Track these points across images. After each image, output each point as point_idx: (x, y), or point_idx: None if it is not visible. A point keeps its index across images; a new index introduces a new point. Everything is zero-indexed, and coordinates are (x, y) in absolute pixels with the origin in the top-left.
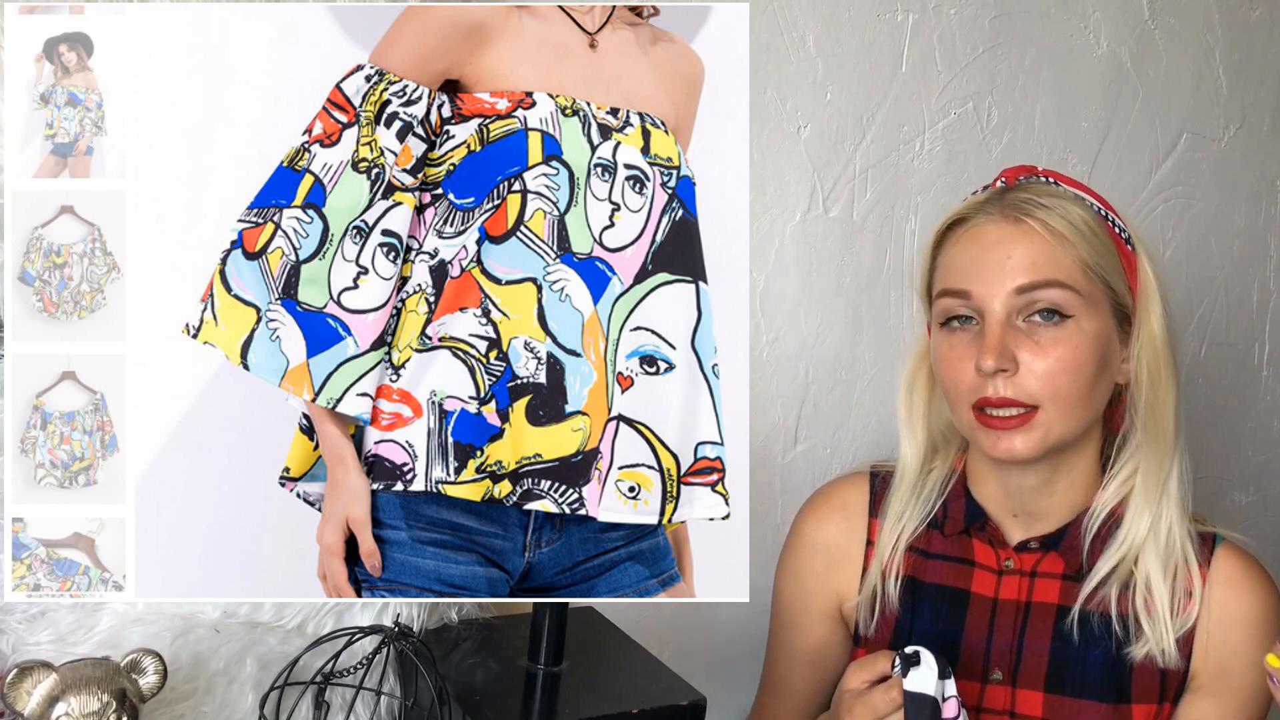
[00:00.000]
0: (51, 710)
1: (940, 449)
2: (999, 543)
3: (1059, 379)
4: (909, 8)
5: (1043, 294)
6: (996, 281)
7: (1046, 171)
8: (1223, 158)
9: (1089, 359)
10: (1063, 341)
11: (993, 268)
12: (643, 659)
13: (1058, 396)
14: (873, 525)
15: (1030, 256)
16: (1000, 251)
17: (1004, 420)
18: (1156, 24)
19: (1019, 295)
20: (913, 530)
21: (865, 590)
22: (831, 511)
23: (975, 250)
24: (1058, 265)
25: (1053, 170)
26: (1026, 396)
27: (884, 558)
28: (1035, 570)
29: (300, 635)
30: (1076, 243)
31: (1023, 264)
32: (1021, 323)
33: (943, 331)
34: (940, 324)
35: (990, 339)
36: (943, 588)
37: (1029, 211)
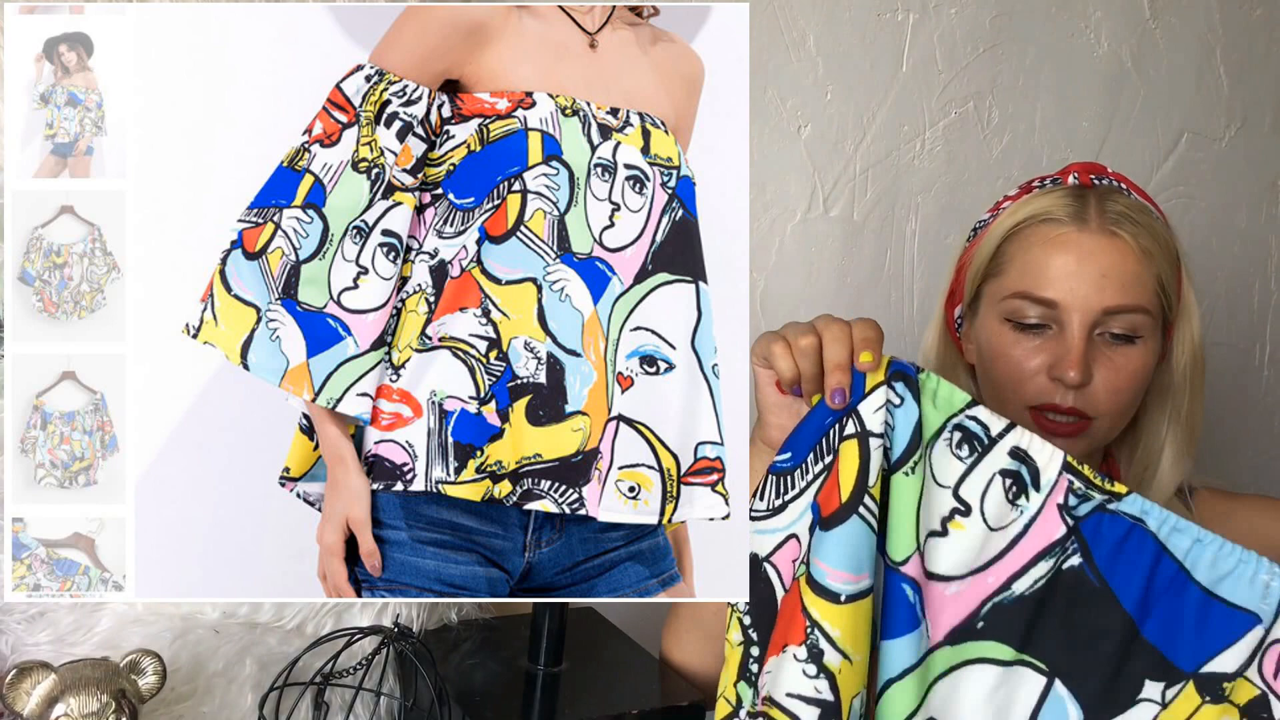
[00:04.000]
0: (51, 711)
1: None
2: None
3: (1123, 396)
4: (909, 8)
5: (1127, 318)
6: (1087, 296)
7: (1117, 175)
8: (1223, 158)
9: (1147, 376)
10: (1133, 360)
11: (1083, 281)
12: (643, 659)
13: (1115, 412)
14: None
15: (1123, 276)
16: (1093, 266)
17: (1061, 425)
18: (1157, 23)
19: (1105, 314)
20: None
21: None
22: None
23: (1063, 259)
24: (1144, 288)
25: (1121, 174)
26: (1091, 410)
27: None
28: None
29: (300, 635)
30: (1159, 261)
31: (1115, 283)
32: (1097, 335)
33: (1005, 326)
34: (1003, 319)
35: (1075, 354)
36: None
37: (1123, 225)
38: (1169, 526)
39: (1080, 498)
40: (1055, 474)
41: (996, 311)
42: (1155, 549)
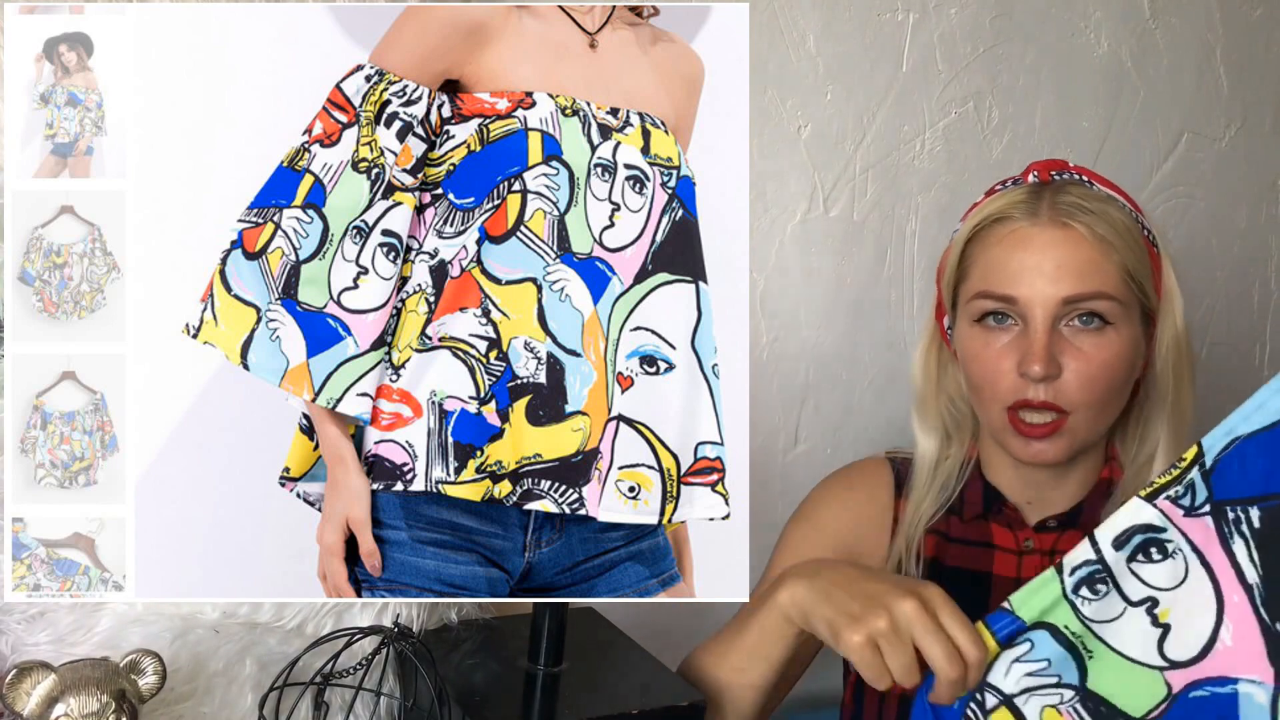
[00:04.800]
0: (50, 711)
1: (953, 436)
2: (1018, 524)
3: (1097, 385)
4: (909, 7)
5: (1088, 304)
6: (1044, 289)
7: (1079, 168)
8: (1223, 158)
9: (1124, 365)
10: (1104, 349)
11: (1039, 275)
12: (643, 659)
13: (1091, 403)
14: (898, 505)
15: (1078, 265)
16: (1048, 258)
17: (1036, 428)
18: (1157, 23)
19: (1065, 305)
20: (930, 515)
21: (890, 568)
22: (862, 482)
23: (1020, 255)
24: (1104, 275)
25: (1083, 167)
26: (1065, 402)
27: (910, 536)
28: (1055, 549)
29: (300, 635)
30: (1120, 249)
31: (1070, 273)
32: (1063, 327)
33: (976, 328)
34: (973, 320)
35: (1038, 346)
36: (964, 570)
37: (1075, 216)
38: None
39: (1185, 489)
40: (1150, 509)
41: (967, 315)
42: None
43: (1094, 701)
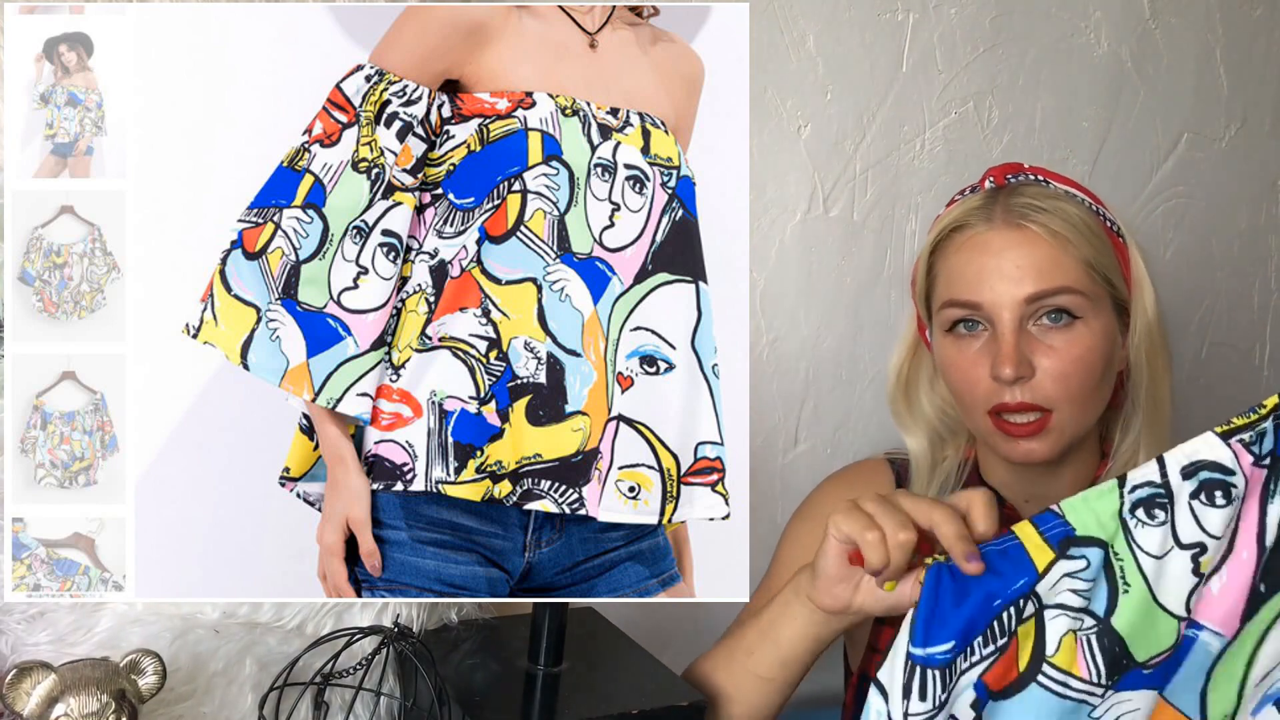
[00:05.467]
0: (50, 711)
1: (948, 439)
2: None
3: (1072, 380)
4: (909, 8)
5: (1052, 300)
6: (1006, 291)
7: (1034, 169)
8: (1223, 158)
9: (1098, 357)
10: (1074, 343)
11: (1000, 278)
12: (643, 659)
13: (1071, 398)
14: None
15: (1037, 264)
16: (1006, 260)
17: (1021, 427)
18: (1157, 23)
19: (1029, 304)
20: None
21: None
22: (862, 483)
23: (979, 260)
24: (1064, 270)
25: (1039, 167)
26: (1043, 400)
27: None
28: None
29: (300, 635)
30: (1078, 244)
31: (1030, 272)
32: (1032, 326)
33: (949, 338)
34: (945, 330)
35: (1006, 348)
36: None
37: (1029, 216)
38: None
39: (1256, 437)
40: (1225, 449)
41: (939, 325)
42: None
43: (1109, 639)
